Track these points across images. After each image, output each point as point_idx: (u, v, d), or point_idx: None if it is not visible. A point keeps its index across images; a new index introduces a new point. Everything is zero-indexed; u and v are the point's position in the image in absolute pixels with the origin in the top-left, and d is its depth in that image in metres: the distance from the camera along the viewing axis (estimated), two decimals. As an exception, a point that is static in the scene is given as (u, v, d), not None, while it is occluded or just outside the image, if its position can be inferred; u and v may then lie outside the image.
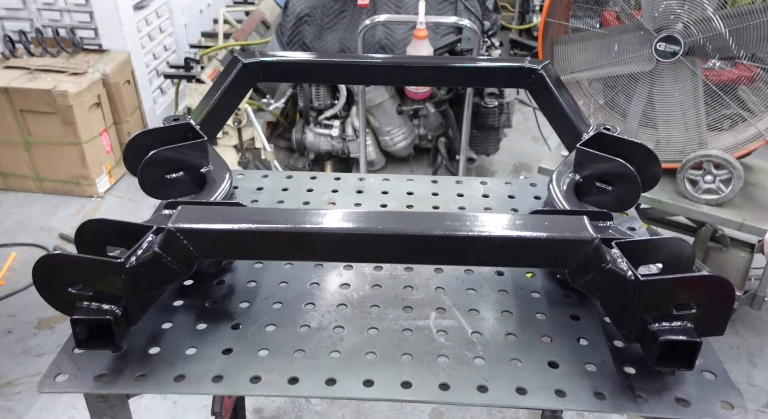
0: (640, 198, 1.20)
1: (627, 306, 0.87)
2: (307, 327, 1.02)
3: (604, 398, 0.89)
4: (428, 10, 2.69)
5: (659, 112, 2.22)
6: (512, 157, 3.87)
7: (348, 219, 0.92)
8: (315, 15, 3.13)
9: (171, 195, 1.14)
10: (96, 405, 0.94)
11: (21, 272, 2.83)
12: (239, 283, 1.13)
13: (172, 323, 1.02)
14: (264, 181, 1.46)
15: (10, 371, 2.36)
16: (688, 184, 2.20)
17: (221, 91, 1.35)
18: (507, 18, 5.25)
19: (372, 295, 1.10)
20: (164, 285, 0.99)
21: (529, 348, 0.99)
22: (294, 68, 1.48)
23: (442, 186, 1.45)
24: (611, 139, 1.17)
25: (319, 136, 3.16)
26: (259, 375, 0.93)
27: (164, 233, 0.89)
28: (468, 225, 0.90)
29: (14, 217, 3.24)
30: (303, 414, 2.21)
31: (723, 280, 0.83)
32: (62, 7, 3.53)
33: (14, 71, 3.22)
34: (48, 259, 0.86)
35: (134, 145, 1.18)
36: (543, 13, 2.34)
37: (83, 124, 3.21)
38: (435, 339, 1.00)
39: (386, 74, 1.48)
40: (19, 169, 3.37)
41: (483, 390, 0.91)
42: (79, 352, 0.94)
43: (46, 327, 2.56)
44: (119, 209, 3.35)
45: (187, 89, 3.08)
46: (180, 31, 4.13)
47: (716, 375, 0.93)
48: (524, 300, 1.10)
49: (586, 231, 0.89)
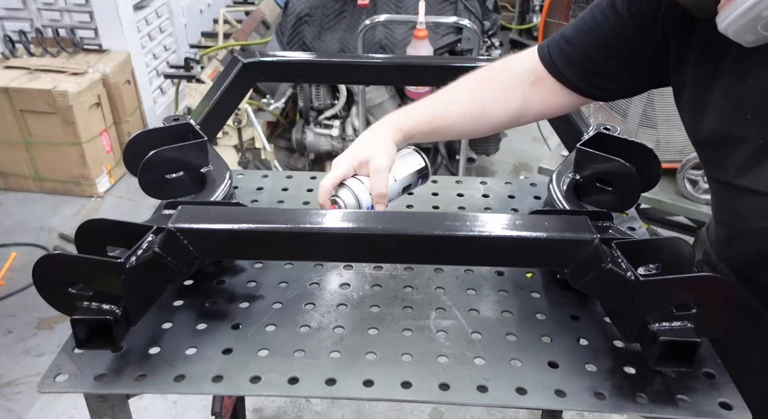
0: (640, 198, 1.20)
1: (627, 306, 0.87)
2: (307, 327, 1.02)
3: (604, 398, 0.89)
4: (428, 10, 2.69)
5: (659, 112, 2.22)
6: (512, 157, 3.87)
7: (348, 219, 0.92)
8: (315, 15, 3.13)
9: (171, 195, 1.14)
10: (96, 405, 0.94)
11: (21, 272, 2.83)
12: (239, 283, 1.13)
13: (172, 323, 1.02)
14: (264, 181, 1.46)
15: (10, 371, 2.36)
16: (688, 184, 2.20)
17: (221, 91, 1.35)
18: (507, 18, 5.25)
19: (372, 295, 1.10)
20: (164, 285, 0.99)
21: (529, 348, 0.99)
22: (294, 68, 1.49)
23: (442, 186, 1.45)
24: (611, 139, 1.17)
25: (319, 136, 3.16)
26: (259, 375, 0.93)
27: (164, 233, 0.89)
28: (468, 225, 0.90)
29: (14, 217, 3.24)
30: (303, 414, 2.21)
31: (723, 280, 0.83)
32: (62, 7, 3.53)
33: (14, 71, 3.22)
34: (48, 259, 0.86)
35: (134, 145, 1.18)
36: (543, 13, 2.35)
37: (83, 124, 3.21)
38: (435, 339, 1.00)
39: (386, 74, 1.48)
40: (19, 169, 3.36)
41: (483, 390, 0.91)
42: (79, 352, 0.94)
43: (46, 327, 2.56)
44: (119, 209, 3.34)
45: (187, 89, 3.08)
46: (180, 31, 4.13)
47: (716, 375, 0.93)
48: (524, 300, 1.10)
49: (586, 231, 0.89)
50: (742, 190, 0.92)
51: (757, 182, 0.89)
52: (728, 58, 0.88)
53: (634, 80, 1.05)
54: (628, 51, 1.01)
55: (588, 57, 1.04)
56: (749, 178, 0.90)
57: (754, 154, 0.89)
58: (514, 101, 1.11)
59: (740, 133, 0.89)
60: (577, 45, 1.05)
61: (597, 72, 1.05)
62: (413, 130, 1.08)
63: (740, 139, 0.89)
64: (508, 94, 1.10)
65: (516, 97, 1.10)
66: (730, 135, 0.90)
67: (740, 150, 0.90)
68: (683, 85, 0.97)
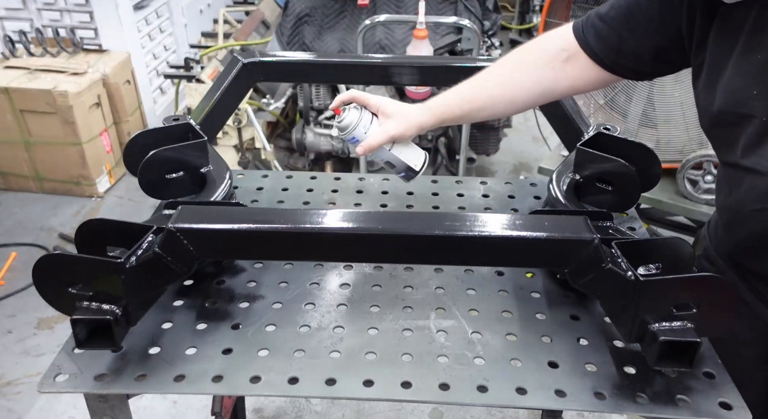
0: (640, 198, 1.20)
1: (627, 306, 0.87)
2: (307, 327, 1.02)
3: (604, 398, 0.89)
4: (428, 10, 2.69)
5: (659, 112, 2.22)
6: (512, 157, 3.87)
7: (348, 219, 0.92)
8: (315, 15, 3.13)
9: (171, 195, 1.14)
10: (96, 405, 0.94)
11: (21, 272, 2.83)
12: (239, 283, 1.13)
13: (172, 323, 1.02)
14: (264, 181, 1.46)
15: (10, 371, 2.36)
16: (688, 184, 2.20)
17: (221, 91, 1.35)
18: (507, 18, 5.25)
19: (372, 295, 1.10)
20: (164, 285, 0.99)
21: (529, 348, 0.99)
22: (294, 68, 1.49)
23: (442, 186, 1.45)
24: (611, 139, 1.17)
25: (319, 136, 3.16)
26: (259, 375, 0.93)
27: (164, 233, 0.89)
28: (468, 225, 0.90)
29: (14, 217, 3.24)
30: (303, 414, 2.21)
31: (723, 280, 0.83)
32: (62, 7, 3.53)
33: (14, 71, 3.22)
34: (48, 259, 0.86)
35: (134, 145, 1.18)
36: (543, 13, 2.34)
37: (83, 124, 3.21)
38: (435, 339, 1.00)
39: (386, 74, 1.48)
40: (19, 169, 3.36)
41: (483, 390, 0.91)
42: (79, 352, 0.94)
43: (46, 327, 2.56)
44: (119, 209, 3.34)
45: (187, 89, 3.08)
46: (180, 31, 4.13)
47: (716, 375, 0.93)
48: (524, 300, 1.10)
49: (586, 231, 0.89)
50: (745, 170, 0.94)
51: (759, 162, 0.90)
52: (742, 35, 0.89)
53: (656, 60, 1.07)
54: (652, 29, 1.02)
55: (616, 33, 1.06)
56: (753, 159, 0.91)
57: (759, 132, 0.90)
58: (544, 79, 1.14)
59: (747, 110, 0.90)
60: (607, 21, 1.08)
61: (622, 49, 1.07)
62: (445, 114, 1.15)
63: (747, 117, 0.90)
64: (538, 72, 1.14)
65: (547, 74, 1.13)
66: (737, 112, 0.91)
67: (747, 128, 0.91)
68: (701, 65, 0.98)
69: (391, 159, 1.18)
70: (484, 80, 1.16)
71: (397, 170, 1.21)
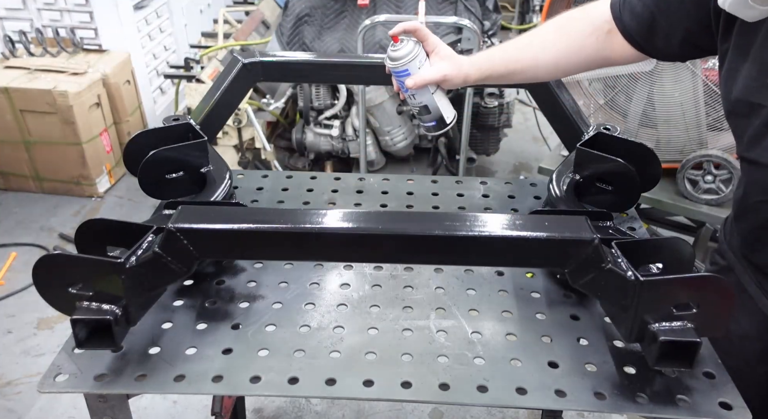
0: (640, 198, 1.20)
1: (627, 306, 0.87)
2: (307, 327, 1.02)
3: (604, 398, 0.89)
4: (428, 10, 2.69)
5: (659, 112, 2.22)
6: (512, 157, 3.87)
7: (348, 219, 0.92)
8: (315, 15, 3.13)
9: (171, 195, 1.14)
10: (96, 405, 0.94)
11: (21, 272, 2.83)
12: (239, 283, 1.13)
13: (172, 323, 1.02)
14: (264, 181, 1.46)
15: (10, 371, 2.36)
16: (688, 184, 2.19)
17: (221, 91, 1.35)
18: (507, 18, 5.24)
19: (372, 295, 1.10)
20: (164, 285, 0.99)
21: (529, 348, 0.99)
22: (294, 68, 1.49)
23: (442, 186, 1.45)
24: (611, 139, 1.17)
25: (319, 136, 3.16)
26: (259, 375, 0.93)
27: (164, 233, 0.89)
28: (468, 225, 0.90)
29: (14, 217, 3.24)
30: (303, 414, 2.21)
31: (723, 280, 0.83)
32: (62, 7, 3.53)
33: (14, 71, 3.22)
34: (48, 259, 0.86)
35: (134, 145, 1.18)
36: (543, 13, 2.34)
37: (83, 124, 3.21)
38: (435, 339, 1.00)
39: (386, 74, 1.48)
40: (19, 169, 3.36)
41: (483, 390, 0.91)
42: (79, 352, 0.94)
43: (46, 327, 2.56)
44: (119, 209, 3.34)
45: (187, 89, 3.08)
46: (180, 31, 4.13)
47: (716, 375, 0.93)
48: (524, 300, 1.10)
49: (586, 231, 0.89)
50: (749, 162, 0.94)
51: (762, 154, 0.91)
52: (765, 24, 0.89)
53: (685, 43, 1.07)
54: (683, 12, 1.02)
55: (648, 12, 1.06)
56: (757, 151, 0.92)
57: (765, 124, 0.90)
58: (587, 48, 1.14)
59: (758, 100, 0.90)
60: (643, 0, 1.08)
61: (653, 28, 1.07)
62: (489, 69, 1.16)
63: (757, 107, 0.90)
64: (582, 41, 1.14)
65: (590, 43, 1.14)
66: (750, 101, 0.91)
67: (755, 120, 0.91)
68: (726, 52, 0.98)
69: (429, 103, 1.17)
70: (529, 43, 1.17)
71: (431, 117, 1.19)
